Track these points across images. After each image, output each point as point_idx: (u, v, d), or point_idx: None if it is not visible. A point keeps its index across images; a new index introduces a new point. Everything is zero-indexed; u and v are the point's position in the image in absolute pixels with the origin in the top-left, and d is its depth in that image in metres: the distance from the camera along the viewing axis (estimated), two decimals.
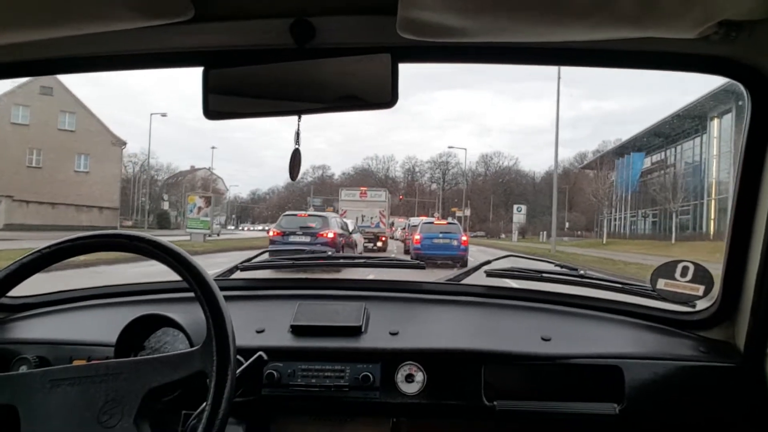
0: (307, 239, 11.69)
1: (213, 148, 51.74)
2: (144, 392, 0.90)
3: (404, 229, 24.66)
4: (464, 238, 15.11)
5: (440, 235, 14.88)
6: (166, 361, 0.93)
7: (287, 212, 14.78)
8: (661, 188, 27.21)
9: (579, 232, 40.02)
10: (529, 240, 38.78)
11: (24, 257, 0.99)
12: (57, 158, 27.01)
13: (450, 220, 20.01)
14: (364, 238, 19.30)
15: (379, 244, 20.71)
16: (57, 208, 25.45)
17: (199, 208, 19.74)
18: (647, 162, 31.97)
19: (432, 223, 16.73)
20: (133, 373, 0.92)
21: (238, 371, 1.03)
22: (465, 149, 77.93)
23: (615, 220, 35.62)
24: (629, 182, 31.45)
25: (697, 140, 26.98)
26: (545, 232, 39.76)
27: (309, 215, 13.99)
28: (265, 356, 1.13)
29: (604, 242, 29.46)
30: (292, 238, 11.75)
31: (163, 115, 31.68)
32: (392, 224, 30.46)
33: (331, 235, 11.80)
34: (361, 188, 24.68)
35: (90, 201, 27.43)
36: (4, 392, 0.92)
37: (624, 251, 20.67)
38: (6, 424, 0.91)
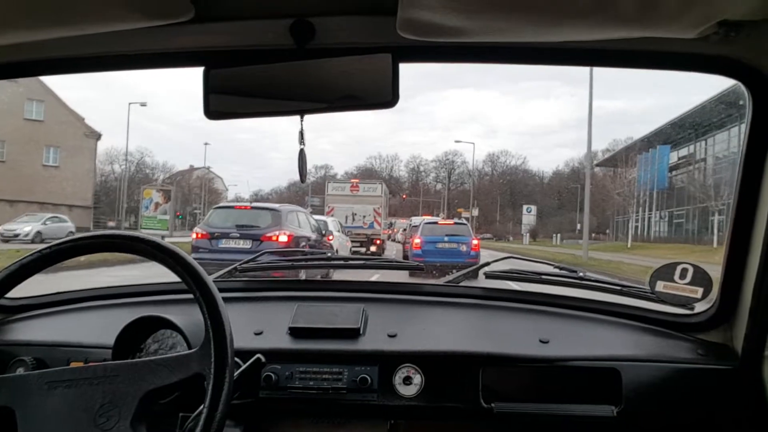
0: (247, 245, 7.90)
1: (206, 144, 48.71)
2: (141, 394, 0.92)
3: (405, 230, 20.92)
4: (475, 241, 11.47)
5: (446, 239, 11.44)
6: (163, 364, 0.95)
7: (220, 204, 10.87)
8: (701, 185, 23.71)
9: (593, 234, 36.72)
10: (542, 243, 35.59)
11: (23, 258, 1.02)
12: (23, 151, 25.38)
13: (457, 220, 16.32)
14: (355, 241, 15.51)
15: (373, 248, 16.95)
16: (16, 206, 22.49)
17: (157, 204, 16.15)
18: (673, 156, 28.54)
19: (436, 223, 13.21)
20: (130, 376, 0.94)
21: (235, 373, 1.04)
22: (473, 143, 74.27)
23: (635, 221, 33.17)
24: (656, 178, 28.00)
25: (734, 130, 23.28)
26: (559, 234, 36.24)
27: (253, 207, 9.62)
28: (263, 358, 1.14)
29: (629, 246, 26.21)
30: (223, 243, 7.96)
31: (143, 104, 28.76)
32: (390, 225, 26.71)
33: (284, 238, 8.02)
34: (352, 180, 20.66)
35: (60, 198, 24.31)
36: (0, 394, 0.95)
37: (661, 257, 16.94)
38: (3, 426, 0.93)
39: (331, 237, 11.44)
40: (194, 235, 8.73)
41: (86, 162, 27.98)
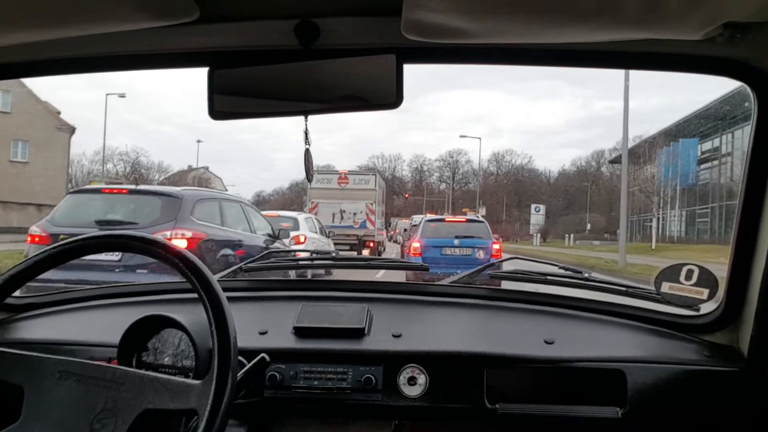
0: (116, 255, 4.75)
1: (199, 141, 46.14)
2: (140, 411, 0.93)
3: (406, 230, 17.98)
4: (496, 245, 8.33)
5: (455, 242, 8.51)
6: (167, 386, 0.96)
7: (80, 187, 7.55)
8: (738, 180, 20.93)
9: (606, 234, 34.43)
10: (553, 243, 32.77)
11: (30, 257, 1.04)
12: None
13: (471, 216, 13.16)
14: (342, 244, 12.59)
15: (366, 252, 13.93)
16: None
17: None
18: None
19: (442, 220, 9.92)
20: (134, 387, 0.95)
21: (240, 373, 1.08)
22: (479, 138, 71.21)
23: (650, 220, 31.88)
24: (682, 174, 25.35)
25: None
26: (572, 235, 33.41)
27: (133, 192, 5.77)
28: (267, 358, 1.15)
29: (654, 247, 23.35)
30: None
31: (121, 95, 26.03)
32: (390, 224, 23.67)
33: (181, 242, 4.96)
34: (341, 172, 17.38)
35: (28, 197, 21.65)
36: (16, 372, 0.99)
37: (702, 260, 13.77)
38: (9, 403, 0.96)
39: (301, 239, 8.49)
40: (28, 239, 5.08)
41: (58, 158, 26.23)
